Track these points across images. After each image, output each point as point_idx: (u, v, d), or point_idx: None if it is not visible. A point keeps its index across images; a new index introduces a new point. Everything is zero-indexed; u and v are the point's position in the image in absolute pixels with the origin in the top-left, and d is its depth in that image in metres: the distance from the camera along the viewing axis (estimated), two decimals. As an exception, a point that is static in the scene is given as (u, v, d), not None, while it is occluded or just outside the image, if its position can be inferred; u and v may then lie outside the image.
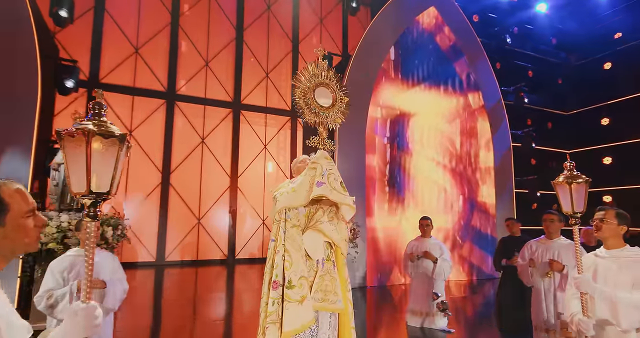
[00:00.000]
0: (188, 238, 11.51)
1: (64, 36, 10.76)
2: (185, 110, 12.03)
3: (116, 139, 1.64)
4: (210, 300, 7.46)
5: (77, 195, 1.60)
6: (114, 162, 1.65)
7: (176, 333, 5.11)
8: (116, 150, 1.65)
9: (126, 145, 1.72)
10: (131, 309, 6.45)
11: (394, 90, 9.20)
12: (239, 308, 6.72)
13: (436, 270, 5.21)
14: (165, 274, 10.26)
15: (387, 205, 8.66)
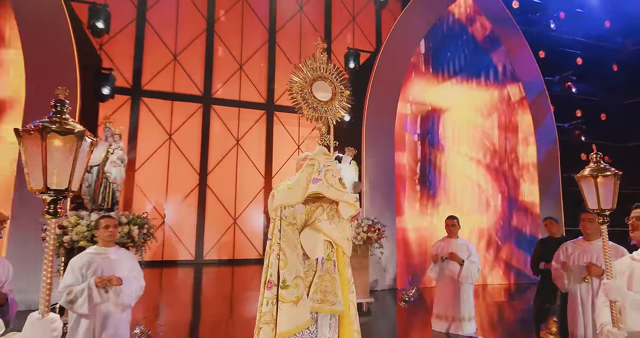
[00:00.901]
0: (225, 238, 11.81)
1: (109, 47, 11.47)
2: (220, 113, 12.36)
3: (74, 136, 1.65)
4: (245, 298, 7.57)
5: (36, 192, 1.63)
6: (72, 159, 1.66)
7: (214, 329, 5.25)
8: (74, 147, 1.66)
9: (88, 141, 1.74)
10: (173, 305, 6.72)
11: (425, 85, 8.86)
12: None
13: (463, 273, 4.90)
14: (204, 272, 10.59)
15: (418, 204, 8.35)
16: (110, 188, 5.50)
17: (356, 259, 6.19)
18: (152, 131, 11.62)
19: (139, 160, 11.35)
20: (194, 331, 5.37)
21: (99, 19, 7.57)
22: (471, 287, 5.06)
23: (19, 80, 6.53)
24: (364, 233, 6.08)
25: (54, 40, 6.70)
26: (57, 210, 1.65)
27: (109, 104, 11.00)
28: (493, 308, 6.74)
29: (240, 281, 9.61)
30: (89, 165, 5.52)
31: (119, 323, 3.33)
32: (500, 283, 8.67)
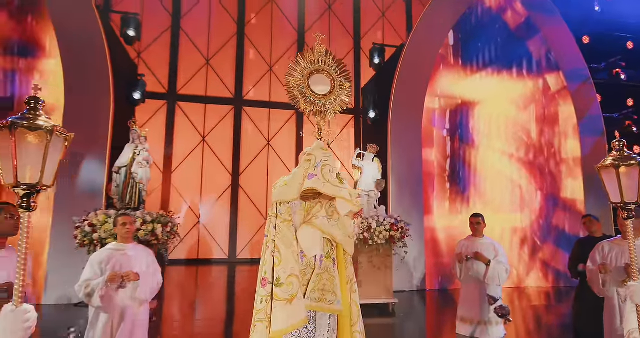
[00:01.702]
0: (257, 237, 11.99)
1: (147, 55, 12.04)
2: (251, 114, 12.59)
3: (43, 132, 1.69)
4: None
5: (8, 187, 1.68)
6: (42, 154, 1.69)
7: (247, 325, 5.33)
8: (44, 142, 1.70)
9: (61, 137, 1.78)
10: (208, 302, 6.92)
11: (454, 78, 8.48)
12: None
13: (489, 274, 4.60)
14: (237, 271, 10.80)
15: (448, 203, 8.00)
16: (137, 188, 5.72)
17: (379, 258, 6.04)
18: (187, 134, 12.05)
19: (175, 162, 11.81)
20: (228, 327, 5.51)
21: (130, 28, 7.94)
22: (499, 289, 4.75)
23: (58, 89, 6.99)
24: (386, 232, 5.91)
25: (90, 49, 7.10)
26: (31, 204, 1.70)
27: (146, 109, 11.55)
28: (529, 312, 6.31)
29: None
30: (118, 166, 5.79)
31: (137, 317, 3.40)
32: (540, 286, 8.11)
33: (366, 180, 6.50)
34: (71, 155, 6.77)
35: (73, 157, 6.79)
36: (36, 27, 7.15)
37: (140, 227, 5.29)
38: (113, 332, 3.29)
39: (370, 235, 5.86)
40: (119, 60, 8.51)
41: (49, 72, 7.11)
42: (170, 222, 5.67)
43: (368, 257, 6.00)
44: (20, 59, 6.99)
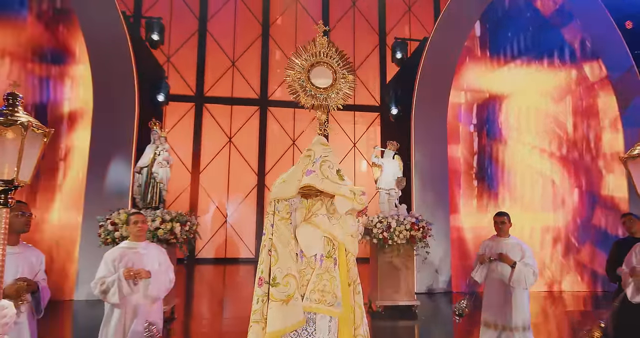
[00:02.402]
0: (283, 237, 12.00)
1: (176, 59, 12.38)
2: (276, 114, 12.64)
3: (19, 127, 1.70)
4: None
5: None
6: (18, 150, 1.70)
7: None
8: (19, 138, 1.70)
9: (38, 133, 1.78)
10: (236, 301, 7.01)
11: (481, 71, 8.09)
12: None
13: (514, 276, 4.31)
14: (262, 270, 10.85)
15: (475, 201, 7.64)
16: (158, 188, 5.84)
17: (399, 259, 5.84)
18: (214, 135, 12.27)
19: (202, 162, 12.06)
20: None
21: (154, 32, 8.15)
22: (525, 293, 4.43)
23: (87, 93, 7.29)
24: (406, 231, 5.70)
25: (116, 54, 7.36)
26: (8, 199, 1.71)
27: (174, 111, 11.88)
28: (565, 318, 5.89)
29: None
30: (139, 167, 5.93)
31: (150, 314, 3.44)
32: (579, 290, 7.57)
33: (386, 178, 6.31)
34: (99, 157, 7.04)
35: (102, 158, 7.05)
36: (67, 35, 7.49)
37: (160, 226, 5.39)
38: (125, 328, 3.33)
39: (390, 235, 5.67)
40: (145, 64, 8.78)
41: (79, 77, 7.42)
42: (189, 221, 5.74)
43: (388, 258, 5.82)
44: (53, 66, 7.35)
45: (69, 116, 7.28)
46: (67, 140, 7.23)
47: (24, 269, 2.62)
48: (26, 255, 2.70)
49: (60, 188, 7.06)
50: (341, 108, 3.27)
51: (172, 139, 12.06)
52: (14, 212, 2.56)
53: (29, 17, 7.32)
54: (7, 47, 7.18)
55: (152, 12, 11.95)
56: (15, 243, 2.64)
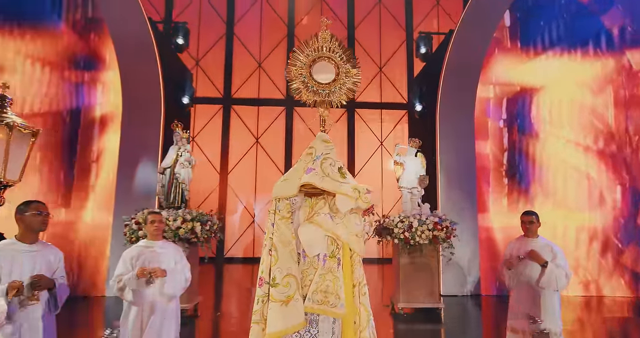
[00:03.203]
0: (310, 237, 11.99)
1: (204, 62, 12.70)
2: (303, 114, 12.65)
3: (3, 127, 1.74)
4: None
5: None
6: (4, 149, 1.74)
7: None
8: (5, 137, 1.74)
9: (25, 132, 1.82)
10: None
11: (511, 63, 7.69)
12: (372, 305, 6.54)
13: (544, 277, 4.01)
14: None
15: (505, 199, 7.26)
16: (180, 188, 5.97)
17: (422, 260, 5.64)
18: (241, 136, 12.46)
19: (230, 163, 12.28)
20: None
21: (179, 36, 8.36)
22: (556, 296, 4.13)
23: (117, 97, 7.58)
24: (429, 231, 5.50)
25: (144, 59, 7.61)
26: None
27: (203, 113, 12.17)
28: (603, 325, 5.47)
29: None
30: (162, 168, 6.08)
31: (166, 312, 3.49)
32: (623, 295, 7.01)
33: (408, 176, 6.13)
34: (128, 158, 7.31)
35: (130, 160, 7.32)
36: (98, 42, 7.83)
37: (181, 225, 5.50)
38: (143, 325, 3.40)
39: (412, 235, 5.49)
40: (172, 68, 9.04)
41: (110, 83, 7.74)
42: (210, 220, 5.82)
43: (410, 258, 5.64)
44: (86, 72, 7.70)
45: (100, 120, 7.60)
46: (99, 142, 7.56)
47: (41, 267, 2.69)
48: (44, 253, 2.77)
49: (93, 189, 7.39)
50: (344, 104, 3.19)
51: (200, 141, 12.38)
52: (32, 212, 2.64)
53: (64, 27, 7.71)
54: (46, 56, 7.60)
55: (182, 17, 12.30)
56: (34, 241, 2.72)
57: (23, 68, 7.55)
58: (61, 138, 7.35)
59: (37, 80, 7.54)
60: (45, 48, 7.62)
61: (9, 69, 7.52)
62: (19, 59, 7.56)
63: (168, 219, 5.53)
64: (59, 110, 7.41)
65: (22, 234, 2.63)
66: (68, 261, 6.99)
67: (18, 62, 7.53)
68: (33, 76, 7.53)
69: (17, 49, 7.56)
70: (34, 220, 2.62)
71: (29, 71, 7.53)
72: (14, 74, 7.50)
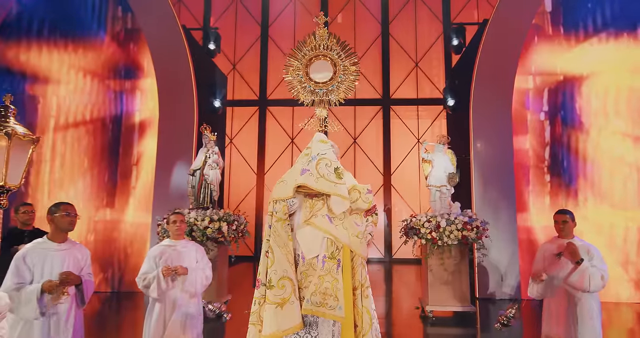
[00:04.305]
0: (346, 236, 11.91)
1: (241, 65, 13.02)
2: (337, 113, 12.58)
3: (2, 136, 1.86)
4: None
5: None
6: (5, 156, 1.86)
7: None
8: (5, 145, 1.86)
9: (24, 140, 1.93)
10: None
11: (553, 51, 7.13)
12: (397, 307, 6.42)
13: (575, 273, 3.61)
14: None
15: (548, 198, 6.75)
16: (209, 189, 6.15)
17: (451, 261, 5.39)
18: (277, 136, 12.64)
19: (267, 164, 12.49)
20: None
21: (210, 41, 8.62)
22: (595, 302, 3.75)
23: (154, 103, 7.97)
24: (457, 231, 5.24)
25: (178, 66, 7.94)
26: (0, 202, 1.89)
27: (240, 115, 12.49)
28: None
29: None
30: (192, 169, 6.30)
31: (188, 309, 3.61)
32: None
33: (437, 174, 5.89)
34: (165, 161, 7.66)
35: (166, 163, 7.66)
36: (137, 52, 8.27)
37: (208, 225, 5.67)
38: (165, 321, 3.53)
39: (439, 235, 5.27)
40: (208, 73, 9.35)
41: (147, 90, 8.15)
42: (237, 220, 5.95)
43: (438, 260, 5.41)
44: (126, 81, 8.17)
45: (139, 125, 8.03)
46: (138, 146, 7.99)
47: (69, 264, 2.85)
48: (72, 251, 2.93)
49: (134, 190, 7.82)
50: (343, 103, 3.11)
51: (237, 142, 12.72)
52: (61, 213, 2.82)
53: (107, 38, 8.23)
54: (91, 67, 8.17)
55: (220, 22, 12.71)
56: (63, 240, 2.89)
57: (71, 79, 8.16)
58: (105, 143, 7.86)
59: (83, 89, 8.12)
60: (90, 59, 8.18)
61: (60, 80, 8.17)
62: (68, 71, 8.18)
63: (197, 219, 5.72)
64: (102, 117, 7.93)
65: (53, 234, 2.82)
66: (113, 258, 7.48)
67: (67, 73, 8.16)
68: (80, 86, 8.12)
69: (66, 61, 8.19)
70: (63, 221, 2.78)
71: (76, 81, 8.13)
72: (64, 84, 8.13)
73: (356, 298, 2.62)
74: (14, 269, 2.61)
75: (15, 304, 2.53)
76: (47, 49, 8.19)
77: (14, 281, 2.58)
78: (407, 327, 5.37)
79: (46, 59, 8.15)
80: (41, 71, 8.14)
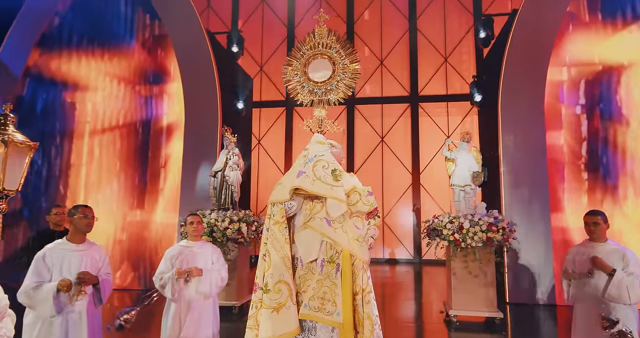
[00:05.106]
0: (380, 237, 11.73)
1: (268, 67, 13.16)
2: (363, 111, 12.44)
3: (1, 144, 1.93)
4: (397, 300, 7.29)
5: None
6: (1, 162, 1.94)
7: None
8: (2, 151, 1.94)
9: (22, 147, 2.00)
10: None
11: (590, 39, 6.64)
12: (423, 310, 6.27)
13: (612, 287, 3.35)
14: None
15: (585, 197, 6.29)
16: (230, 190, 6.23)
17: (476, 264, 5.14)
18: (303, 137, 12.65)
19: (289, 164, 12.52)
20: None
21: (233, 44, 8.75)
22: (630, 309, 3.44)
23: (180, 107, 8.19)
24: (482, 233, 4.98)
25: (203, 70, 8.12)
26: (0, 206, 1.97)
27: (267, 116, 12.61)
28: None
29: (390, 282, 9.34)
30: (214, 171, 6.40)
31: (203, 309, 3.66)
32: None
33: (460, 172, 5.65)
34: (190, 163, 7.85)
35: (192, 165, 7.85)
36: (164, 57, 8.54)
37: (228, 226, 5.74)
38: (181, 321, 3.60)
39: (462, 237, 5.04)
40: (231, 75, 9.50)
41: (174, 94, 8.39)
42: (256, 221, 5.98)
43: (462, 262, 5.17)
44: (154, 86, 8.45)
45: (167, 128, 8.28)
46: (166, 149, 8.24)
47: (87, 264, 2.96)
48: (90, 252, 3.04)
49: (162, 192, 8.08)
50: (342, 102, 3.03)
51: (265, 143, 12.85)
52: (79, 215, 2.92)
53: (136, 45, 8.55)
54: (121, 74, 8.53)
55: (247, 25, 12.90)
56: (81, 241, 2.99)
57: (106, 86, 8.56)
58: (135, 146, 8.17)
59: (116, 96, 8.48)
60: (121, 66, 8.53)
61: (94, 87, 8.59)
62: (102, 78, 8.58)
63: (217, 220, 5.81)
64: (133, 121, 8.25)
65: (72, 235, 2.92)
66: (144, 257, 7.76)
67: (102, 81, 8.56)
68: (112, 93, 8.49)
69: (101, 69, 8.60)
70: (81, 223, 2.88)
71: (108, 88, 8.50)
72: (98, 91, 8.53)
73: (357, 304, 2.53)
74: (33, 268, 2.72)
75: (33, 302, 2.63)
76: (83, 59, 8.63)
77: (33, 279, 2.69)
78: (430, 332, 5.18)
79: (82, 67, 8.59)
80: (78, 79, 8.60)
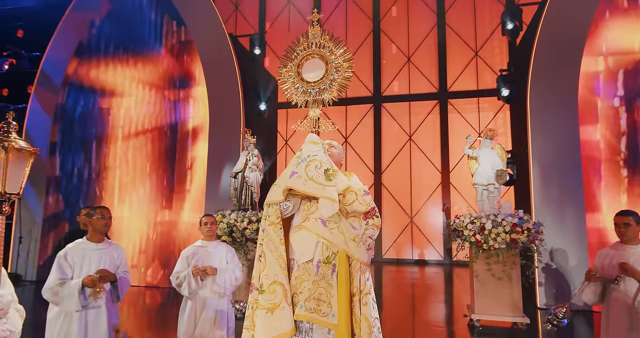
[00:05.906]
0: (402, 238, 11.51)
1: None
2: (390, 109, 12.23)
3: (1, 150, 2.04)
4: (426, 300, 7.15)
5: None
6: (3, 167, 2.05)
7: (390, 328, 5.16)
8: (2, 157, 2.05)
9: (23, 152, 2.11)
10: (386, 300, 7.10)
11: (629, 26, 6.15)
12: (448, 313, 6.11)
13: None
14: (384, 271, 10.59)
15: (625, 196, 5.82)
16: (250, 191, 6.30)
17: (499, 267, 4.90)
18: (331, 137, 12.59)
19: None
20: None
21: (256, 47, 8.87)
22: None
23: (205, 110, 8.40)
24: (505, 234, 4.73)
25: (226, 73, 8.29)
26: (2, 208, 2.07)
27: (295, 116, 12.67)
28: None
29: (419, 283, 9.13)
30: (234, 172, 6.50)
31: (217, 308, 3.75)
32: None
33: (484, 171, 5.41)
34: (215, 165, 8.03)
35: (216, 166, 8.03)
36: (189, 62, 8.79)
37: (247, 226, 5.80)
38: (196, 319, 3.69)
39: (484, 238, 4.82)
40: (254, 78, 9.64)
41: (199, 98, 8.62)
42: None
43: (485, 265, 4.94)
44: (181, 90, 8.72)
45: (192, 131, 8.52)
46: (192, 151, 8.48)
47: (105, 262, 3.10)
48: (108, 250, 3.18)
49: (189, 193, 8.32)
50: (337, 101, 2.98)
51: (293, 143, 12.93)
52: (97, 216, 3.06)
53: (163, 51, 8.87)
54: (150, 79, 8.87)
55: (274, 27, 13.03)
56: (100, 240, 3.13)
57: (137, 91, 8.93)
58: (163, 149, 8.47)
59: (146, 101, 8.83)
60: (150, 72, 8.88)
61: (126, 93, 8.99)
62: (134, 85, 8.97)
63: (236, 220, 5.89)
64: (161, 125, 8.56)
65: (91, 234, 3.07)
66: (173, 256, 8.02)
67: (135, 87, 8.95)
68: (143, 98, 8.85)
69: (132, 76, 8.99)
70: (99, 223, 3.02)
71: (139, 94, 8.87)
72: (129, 97, 8.93)
73: (354, 306, 2.48)
74: (57, 266, 2.88)
75: (59, 298, 2.78)
76: (116, 66, 9.06)
77: (58, 277, 2.84)
78: (453, 336, 5.00)
79: (115, 75, 9.02)
80: (112, 86, 9.04)
